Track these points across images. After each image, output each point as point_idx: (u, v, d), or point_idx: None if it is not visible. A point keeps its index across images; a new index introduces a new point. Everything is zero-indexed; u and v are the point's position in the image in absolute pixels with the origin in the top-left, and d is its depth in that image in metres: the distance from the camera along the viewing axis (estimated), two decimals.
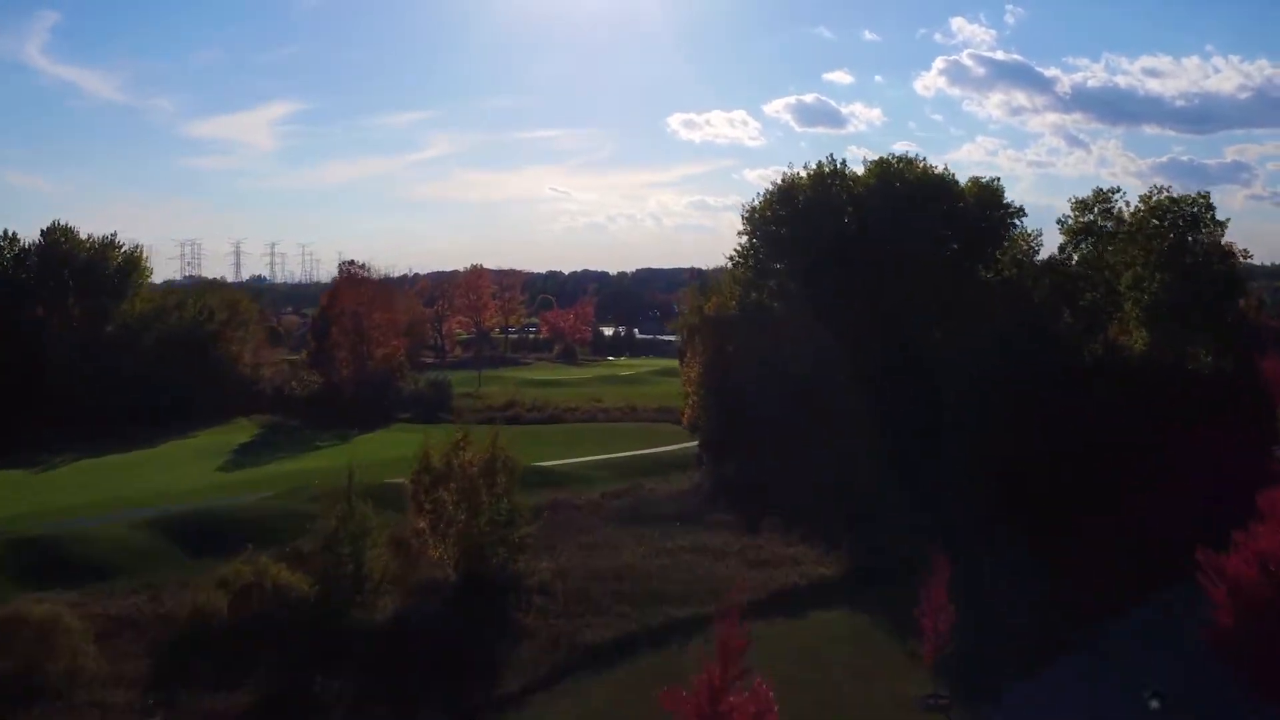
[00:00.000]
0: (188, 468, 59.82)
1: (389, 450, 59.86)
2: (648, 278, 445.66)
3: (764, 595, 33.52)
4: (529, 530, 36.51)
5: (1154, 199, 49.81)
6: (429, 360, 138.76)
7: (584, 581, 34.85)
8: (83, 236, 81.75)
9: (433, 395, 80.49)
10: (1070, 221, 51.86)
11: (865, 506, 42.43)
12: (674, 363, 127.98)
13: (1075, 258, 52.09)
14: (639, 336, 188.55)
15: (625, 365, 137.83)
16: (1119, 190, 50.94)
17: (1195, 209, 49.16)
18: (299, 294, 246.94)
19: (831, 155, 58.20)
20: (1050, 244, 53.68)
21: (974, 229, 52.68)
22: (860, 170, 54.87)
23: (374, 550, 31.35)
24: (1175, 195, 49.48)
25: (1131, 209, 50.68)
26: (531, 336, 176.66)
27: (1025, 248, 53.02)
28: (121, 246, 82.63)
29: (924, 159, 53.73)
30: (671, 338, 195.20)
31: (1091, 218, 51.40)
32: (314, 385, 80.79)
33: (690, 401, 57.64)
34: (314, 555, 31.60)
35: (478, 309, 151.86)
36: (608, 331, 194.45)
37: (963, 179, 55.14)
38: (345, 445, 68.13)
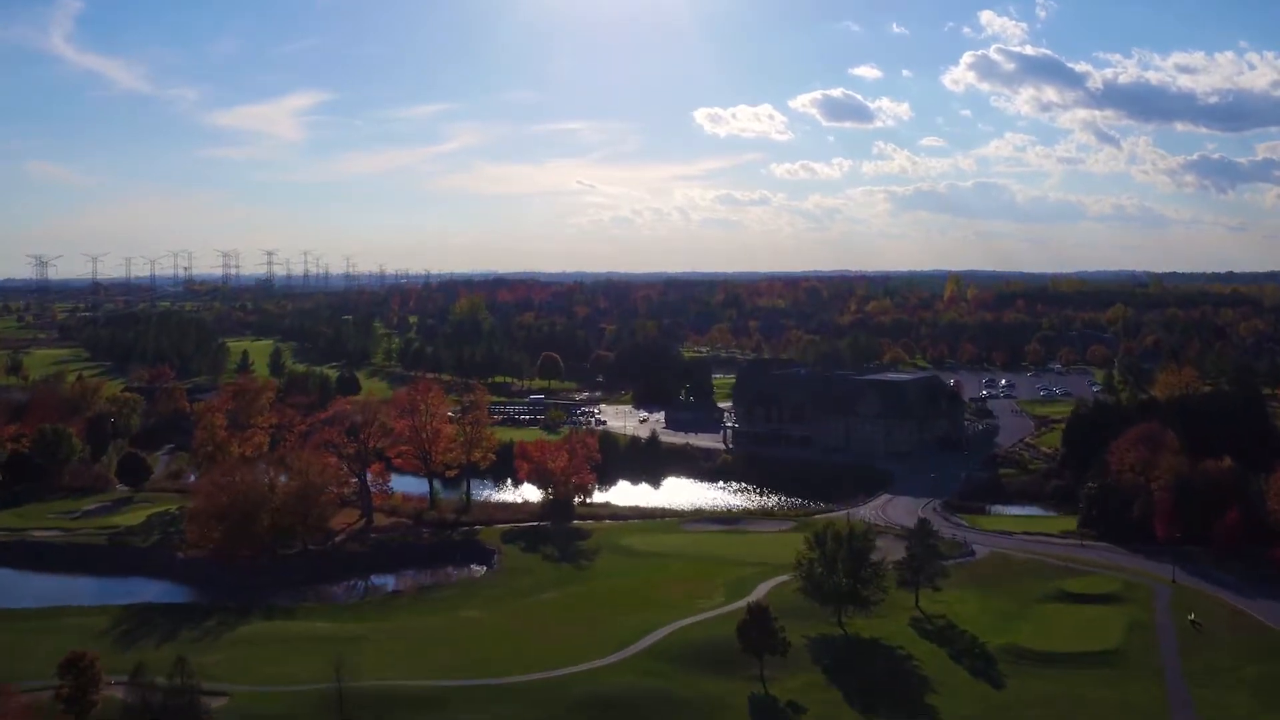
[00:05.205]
0: None
1: None
2: (677, 303, 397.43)
3: None
4: None
5: None
6: (338, 531, 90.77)
7: None
8: None
9: None
10: None
11: None
12: (725, 543, 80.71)
13: None
14: (663, 440, 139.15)
15: (646, 539, 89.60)
16: None
17: None
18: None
19: None
20: None
21: None
22: None
23: None
24: None
25: None
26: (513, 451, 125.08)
27: None
28: None
29: None
30: (711, 444, 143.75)
31: None
32: None
33: None
34: None
35: (426, 441, 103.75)
36: (624, 425, 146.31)
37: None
38: None
